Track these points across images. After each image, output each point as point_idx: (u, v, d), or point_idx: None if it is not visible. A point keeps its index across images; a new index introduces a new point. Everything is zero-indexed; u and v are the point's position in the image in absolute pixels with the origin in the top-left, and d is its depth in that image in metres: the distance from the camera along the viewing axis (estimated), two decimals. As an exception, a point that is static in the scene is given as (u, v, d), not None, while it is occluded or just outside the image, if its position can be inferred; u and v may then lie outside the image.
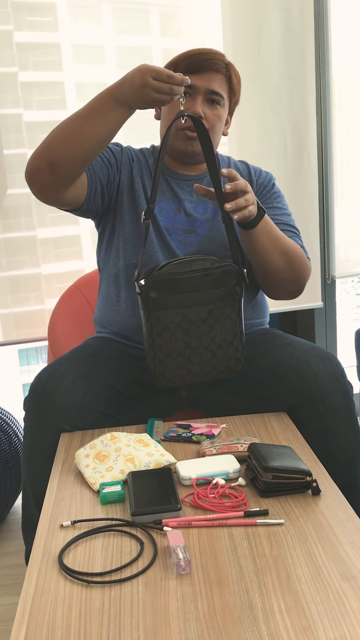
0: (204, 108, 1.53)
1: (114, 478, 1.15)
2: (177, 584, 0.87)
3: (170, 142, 1.59)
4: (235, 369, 1.45)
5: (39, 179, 1.41)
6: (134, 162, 1.65)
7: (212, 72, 1.53)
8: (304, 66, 2.34)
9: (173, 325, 1.40)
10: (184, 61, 1.54)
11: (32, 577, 0.91)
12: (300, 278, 1.57)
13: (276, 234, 1.50)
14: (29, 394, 1.44)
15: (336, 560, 0.90)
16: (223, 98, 1.56)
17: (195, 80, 1.51)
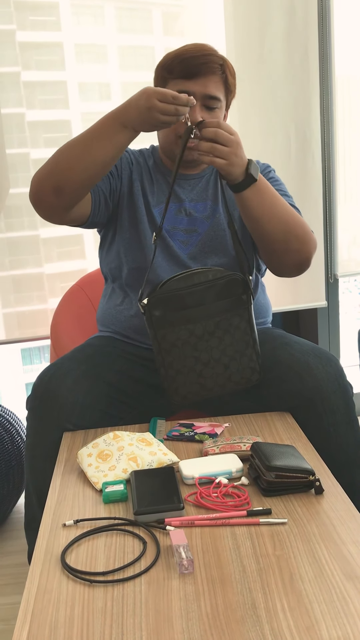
0: (203, 114, 1.49)
1: (117, 477, 1.14)
2: (179, 583, 0.87)
3: (170, 149, 1.56)
4: (251, 379, 1.43)
5: (44, 202, 1.43)
6: (133, 165, 1.63)
7: (207, 75, 1.49)
8: (307, 66, 2.34)
9: (180, 342, 1.38)
10: (178, 65, 1.49)
11: (34, 576, 0.91)
12: (304, 247, 1.49)
13: (273, 202, 1.44)
14: (32, 393, 1.44)
15: (339, 559, 0.89)
16: (220, 100, 1.52)
17: (191, 85, 1.48)
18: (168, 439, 1.32)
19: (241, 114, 2.31)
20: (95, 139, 1.37)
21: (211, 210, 1.60)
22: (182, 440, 1.32)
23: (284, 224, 1.45)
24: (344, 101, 2.46)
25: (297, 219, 1.49)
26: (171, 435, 1.33)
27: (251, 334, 1.42)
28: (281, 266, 1.54)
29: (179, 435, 1.33)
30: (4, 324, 2.33)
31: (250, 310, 1.42)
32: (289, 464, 1.08)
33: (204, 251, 1.56)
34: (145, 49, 2.27)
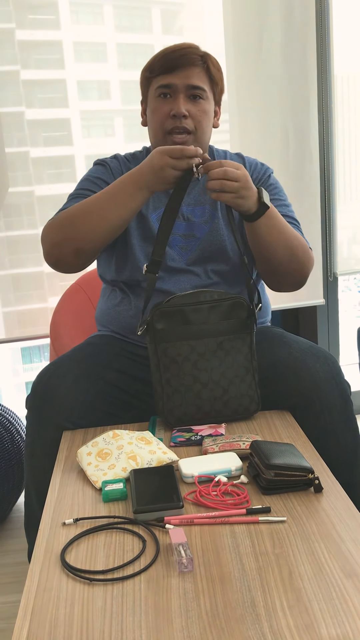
0: (187, 105, 1.49)
1: (116, 476, 1.15)
2: (179, 581, 0.87)
3: (156, 140, 1.56)
4: (249, 409, 1.39)
5: (65, 263, 1.51)
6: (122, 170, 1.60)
7: (188, 67, 1.49)
8: (305, 64, 2.34)
9: (180, 358, 1.36)
10: (158, 62, 1.51)
11: (34, 574, 0.91)
12: (304, 268, 1.54)
13: (280, 228, 1.47)
14: (31, 392, 1.44)
15: (339, 557, 0.89)
16: (205, 91, 1.51)
17: (173, 78, 1.49)
18: (175, 445, 1.30)
19: (240, 112, 2.31)
20: (113, 203, 1.42)
21: (209, 214, 1.58)
22: (190, 445, 1.30)
23: (289, 248, 1.49)
24: (342, 99, 2.46)
25: (299, 241, 1.52)
26: (177, 442, 1.31)
27: (251, 361, 1.40)
28: (280, 285, 1.60)
29: (185, 441, 1.31)
30: (3, 323, 2.33)
31: (252, 337, 1.41)
32: (288, 462, 1.08)
33: (203, 256, 1.55)
34: (144, 48, 2.27)
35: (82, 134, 2.26)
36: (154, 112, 1.54)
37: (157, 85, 1.51)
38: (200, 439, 1.31)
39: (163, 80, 1.50)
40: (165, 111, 1.50)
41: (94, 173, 1.62)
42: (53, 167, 2.28)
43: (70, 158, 2.30)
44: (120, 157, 1.67)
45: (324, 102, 2.42)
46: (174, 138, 1.51)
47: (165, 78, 1.50)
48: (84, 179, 1.62)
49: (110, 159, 1.65)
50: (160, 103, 1.51)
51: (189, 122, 1.50)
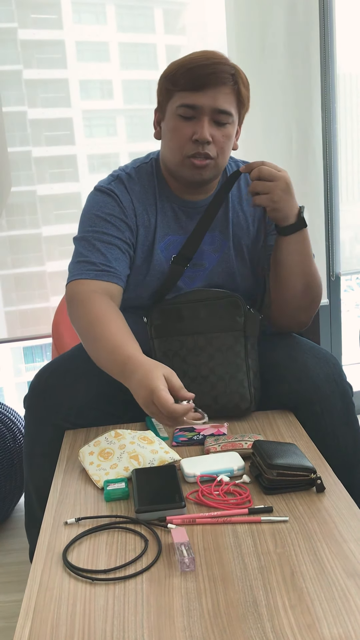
0: (212, 130, 1.35)
1: (118, 475, 1.15)
2: (181, 581, 0.87)
3: (176, 170, 1.42)
4: (239, 406, 1.39)
5: None
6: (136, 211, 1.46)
7: (217, 86, 1.33)
8: (309, 64, 2.33)
9: (171, 352, 1.39)
10: (184, 76, 1.34)
11: (36, 574, 0.91)
12: (311, 308, 1.50)
13: (307, 255, 1.43)
14: (29, 391, 1.44)
15: (341, 557, 0.89)
16: (232, 115, 1.37)
17: (199, 98, 1.33)
18: (177, 445, 1.30)
19: (243, 111, 2.30)
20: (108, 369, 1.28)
21: (220, 242, 1.50)
22: (193, 445, 1.30)
23: (308, 282, 1.45)
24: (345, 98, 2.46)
25: (317, 278, 1.48)
26: (179, 442, 1.31)
27: (245, 359, 1.39)
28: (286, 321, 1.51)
29: (187, 440, 1.31)
30: (6, 322, 2.33)
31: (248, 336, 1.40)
32: (291, 462, 1.08)
33: (210, 286, 1.50)
34: (147, 47, 2.27)
35: (85, 134, 2.26)
36: (173, 132, 1.38)
37: (179, 102, 1.35)
38: (203, 438, 1.31)
39: (187, 98, 1.34)
40: (187, 134, 1.36)
41: (105, 208, 1.44)
42: (55, 166, 2.28)
43: (72, 157, 2.30)
44: (124, 178, 1.48)
45: (326, 101, 2.41)
46: (195, 161, 1.37)
47: (190, 97, 1.34)
48: (94, 216, 1.44)
49: (115, 184, 1.47)
50: (181, 123, 1.36)
51: (212, 148, 1.37)
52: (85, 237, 1.43)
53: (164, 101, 1.41)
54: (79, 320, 1.34)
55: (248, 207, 1.51)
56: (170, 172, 1.46)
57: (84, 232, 1.44)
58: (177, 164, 1.40)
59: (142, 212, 1.46)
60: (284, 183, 1.35)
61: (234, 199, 1.50)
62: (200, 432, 1.34)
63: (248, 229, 1.51)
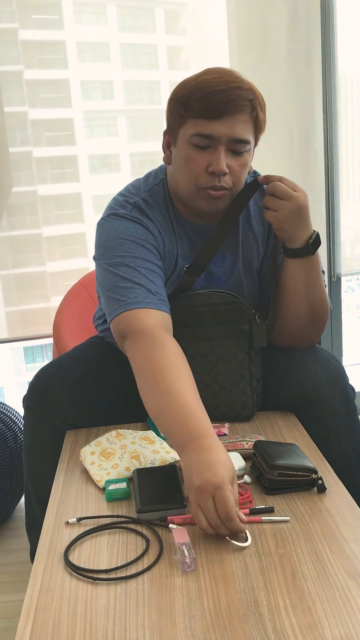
0: (228, 160, 1.28)
1: (120, 475, 1.15)
2: (182, 581, 0.87)
3: (189, 198, 1.34)
4: (241, 414, 1.38)
5: None
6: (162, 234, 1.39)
7: (235, 115, 1.25)
8: (310, 63, 2.33)
9: None
10: (198, 102, 1.24)
11: (37, 574, 0.91)
12: (314, 336, 1.46)
13: (313, 281, 1.38)
14: (28, 392, 1.43)
15: (342, 557, 0.89)
16: (249, 143, 1.29)
17: (215, 128, 1.24)
18: None
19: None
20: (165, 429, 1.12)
21: (230, 265, 1.45)
22: None
23: (312, 304, 1.40)
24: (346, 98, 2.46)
25: (324, 309, 1.42)
26: None
27: (249, 367, 1.38)
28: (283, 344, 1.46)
29: None
30: (6, 322, 2.33)
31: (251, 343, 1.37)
32: (292, 463, 1.08)
33: None
34: (148, 47, 2.27)
35: (85, 134, 2.27)
36: (186, 162, 1.30)
37: (194, 130, 1.26)
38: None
39: (203, 127, 1.25)
40: (201, 165, 1.28)
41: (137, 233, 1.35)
42: (56, 167, 2.29)
43: (73, 158, 2.30)
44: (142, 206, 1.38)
45: (328, 102, 2.41)
46: (211, 192, 1.30)
47: (205, 125, 1.25)
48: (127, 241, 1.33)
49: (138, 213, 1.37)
50: (195, 153, 1.28)
51: (228, 179, 1.29)
52: (125, 262, 1.31)
53: (175, 125, 1.31)
54: (145, 363, 1.20)
55: (257, 226, 1.45)
56: (181, 201, 1.38)
57: (121, 257, 1.32)
58: (190, 194, 1.33)
59: (168, 242, 1.40)
60: (295, 205, 1.30)
61: (243, 219, 1.45)
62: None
63: (258, 250, 1.46)
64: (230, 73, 1.27)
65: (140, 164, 2.33)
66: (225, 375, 1.37)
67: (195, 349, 1.36)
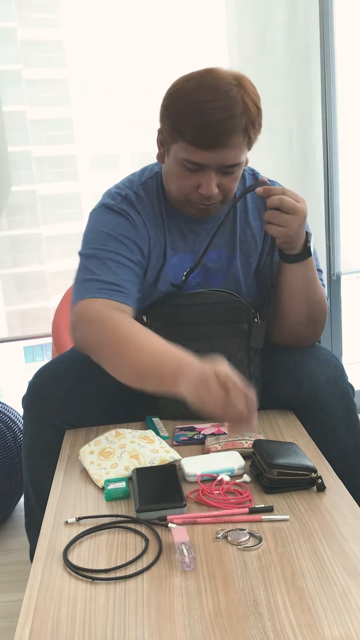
0: (219, 179, 1.28)
1: (119, 475, 1.15)
2: (181, 580, 0.87)
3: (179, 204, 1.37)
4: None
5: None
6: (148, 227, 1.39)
7: (227, 145, 1.23)
8: (309, 63, 2.33)
9: None
10: (190, 129, 1.21)
11: (36, 573, 0.91)
12: (314, 338, 1.47)
13: (311, 281, 1.38)
14: (28, 392, 1.43)
15: (341, 556, 0.89)
16: (240, 163, 1.28)
17: (207, 156, 1.23)
18: (178, 444, 1.30)
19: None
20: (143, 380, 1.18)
21: (226, 260, 1.45)
22: (193, 444, 1.29)
23: (311, 304, 1.40)
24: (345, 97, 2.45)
25: (323, 308, 1.43)
26: (180, 441, 1.30)
27: (248, 367, 1.37)
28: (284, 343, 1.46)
29: (188, 440, 1.31)
30: (6, 322, 2.33)
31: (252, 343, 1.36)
32: (291, 462, 1.08)
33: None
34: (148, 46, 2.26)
35: (85, 133, 2.26)
36: (177, 178, 1.30)
37: (184, 155, 1.25)
38: (203, 437, 1.31)
39: (193, 155, 1.24)
40: (191, 185, 1.29)
41: (118, 228, 1.36)
42: (55, 166, 2.28)
43: (72, 157, 2.30)
44: (133, 199, 1.39)
45: (327, 101, 2.41)
46: (200, 206, 1.32)
47: (195, 154, 1.23)
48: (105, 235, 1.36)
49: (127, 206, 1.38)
50: (185, 173, 1.28)
51: (218, 195, 1.30)
52: (95, 254, 1.34)
53: (167, 137, 1.29)
54: (94, 337, 1.24)
55: (255, 222, 1.45)
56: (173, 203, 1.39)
57: (94, 250, 1.35)
58: (180, 203, 1.35)
59: (154, 236, 1.40)
60: (302, 217, 1.29)
61: (240, 214, 1.44)
62: (201, 431, 1.34)
63: (256, 245, 1.46)
64: (224, 92, 1.21)
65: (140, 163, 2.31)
66: None
67: (193, 349, 1.35)
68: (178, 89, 1.25)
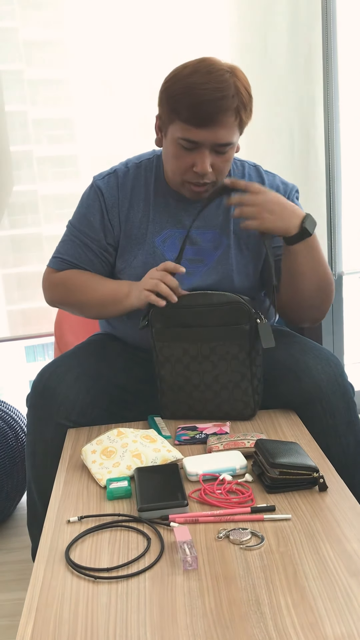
0: (212, 159, 1.36)
1: (121, 474, 1.15)
2: (183, 579, 0.87)
3: (175, 186, 1.45)
4: (242, 413, 1.39)
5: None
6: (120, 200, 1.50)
7: (220, 123, 1.32)
8: (311, 63, 2.33)
9: (173, 358, 1.37)
10: (186, 109, 1.30)
11: (39, 572, 0.91)
12: (325, 305, 1.50)
13: (318, 259, 1.43)
14: (32, 390, 1.44)
15: (343, 556, 0.89)
16: (233, 143, 1.36)
17: (200, 135, 1.32)
18: (180, 444, 1.30)
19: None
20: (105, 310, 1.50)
21: (219, 240, 1.49)
22: (195, 443, 1.30)
23: (319, 282, 1.45)
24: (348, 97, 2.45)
25: (329, 279, 1.47)
26: (182, 440, 1.31)
27: (250, 367, 1.37)
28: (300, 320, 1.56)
29: (190, 439, 1.31)
30: (8, 321, 2.33)
31: (252, 344, 1.36)
32: (293, 461, 1.08)
33: (206, 283, 1.47)
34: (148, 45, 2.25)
35: (86, 132, 2.26)
36: (173, 158, 1.39)
37: (181, 134, 1.34)
38: (205, 437, 1.31)
39: (189, 133, 1.32)
40: (187, 163, 1.37)
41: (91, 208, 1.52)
42: (57, 165, 2.28)
43: (74, 156, 2.30)
44: (120, 174, 1.52)
45: (329, 101, 2.41)
46: (193, 188, 1.41)
47: (191, 132, 1.32)
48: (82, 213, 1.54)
49: (107, 179, 1.52)
50: (182, 152, 1.36)
51: (211, 175, 1.38)
52: (71, 230, 1.56)
53: (165, 120, 1.38)
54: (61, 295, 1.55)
55: None
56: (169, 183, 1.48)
57: (73, 223, 1.56)
58: (176, 184, 1.44)
59: (129, 208, 1.50)
60: (272, 204, 1.37)
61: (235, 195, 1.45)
62: (203, 430, 1.34)
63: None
64: (217, 75, 1.30)
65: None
66: (226, 375, 1.37)
67: (196, 350, 1.36)
68: (175, 74, 1.36)
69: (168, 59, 2.23)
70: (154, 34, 2.23)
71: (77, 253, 1.53)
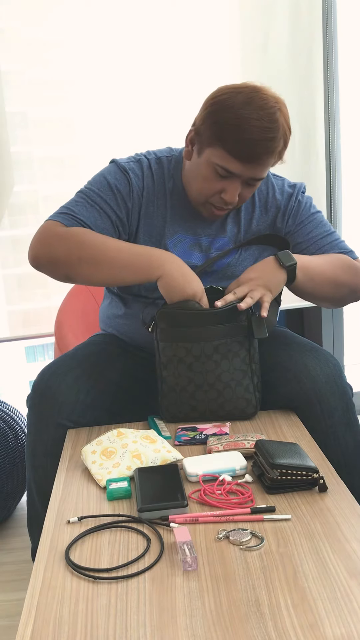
0: (242, 190, 1.39)
1: (121, 474, 1.15)
2: (183, 580, 0.87)
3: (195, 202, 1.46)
4: (245, 411, 1.39)
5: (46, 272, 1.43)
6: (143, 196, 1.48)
7: (262, 162, 1.35)
8: (312, 65, 2.33)
9: (176, 359, 1.37)
10: (234, 143, 1.31)
11: (38, 572, 0.91)
12: (353, 288, 1.51)
13: (320, 271, 1.45)
14: (32, 391, 1.44)
15: (343, 557, 0.89)
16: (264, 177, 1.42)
17: (241, 168, 1.34)
18: (180, 444, 1.30)
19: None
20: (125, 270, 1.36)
21: (229, 248, 1.52)
22: (195, 444, 1.30)
23: (333, 283, 1.48)
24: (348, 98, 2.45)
25: (343, 270, 1.49)
26: (181, 441, 1.31)
27: (250, 364, 1.38)
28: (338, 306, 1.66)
29: (190, 440, 1.31)
30: (8, 321, 2.33)
31: (251, 340, 1.38)
32: (293, 462, 1.08)
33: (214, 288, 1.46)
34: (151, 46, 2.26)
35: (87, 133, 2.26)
36: (203, 180, 1.39)
37: (220, 162, 1.35)
38: (205, 437, 1.31)
39: (229, 164, 1.34)
40: (216, 189, 1.39)
41: (117, 182, 1.46)
42: (57, 165, 2.28)
43: (74, 157, 2.30)
44: (144, 164, 1.49)
45: (329, 101, 2.41)
46: (215, 211, 1.44)
47: (230, 163, 1.34)
48: (106, 182, 1.46)
49: (134, 165, 1.49)
50: (213, 176, 1.37)
51: (235, 202, 1.42)
52: (87, 193, 1.45)
53: (204, 139, 1.36)
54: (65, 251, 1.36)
55: (261, 215, 1.53)
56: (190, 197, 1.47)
57: (88, 189, 1.46)
58: (197, 202, 1.45)
59: (149, 201, 1.47)
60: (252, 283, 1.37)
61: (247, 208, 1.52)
62: (203, 431, 1.34)
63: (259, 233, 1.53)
64: (270, 113, 1.32)
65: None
66: (229, 373, 1.37)
67: (198, 349, 1.36)
68: (226, 99, 1.33)
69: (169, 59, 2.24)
70: (155, 34, 2.23)
71: (94, 217, 1.42)
